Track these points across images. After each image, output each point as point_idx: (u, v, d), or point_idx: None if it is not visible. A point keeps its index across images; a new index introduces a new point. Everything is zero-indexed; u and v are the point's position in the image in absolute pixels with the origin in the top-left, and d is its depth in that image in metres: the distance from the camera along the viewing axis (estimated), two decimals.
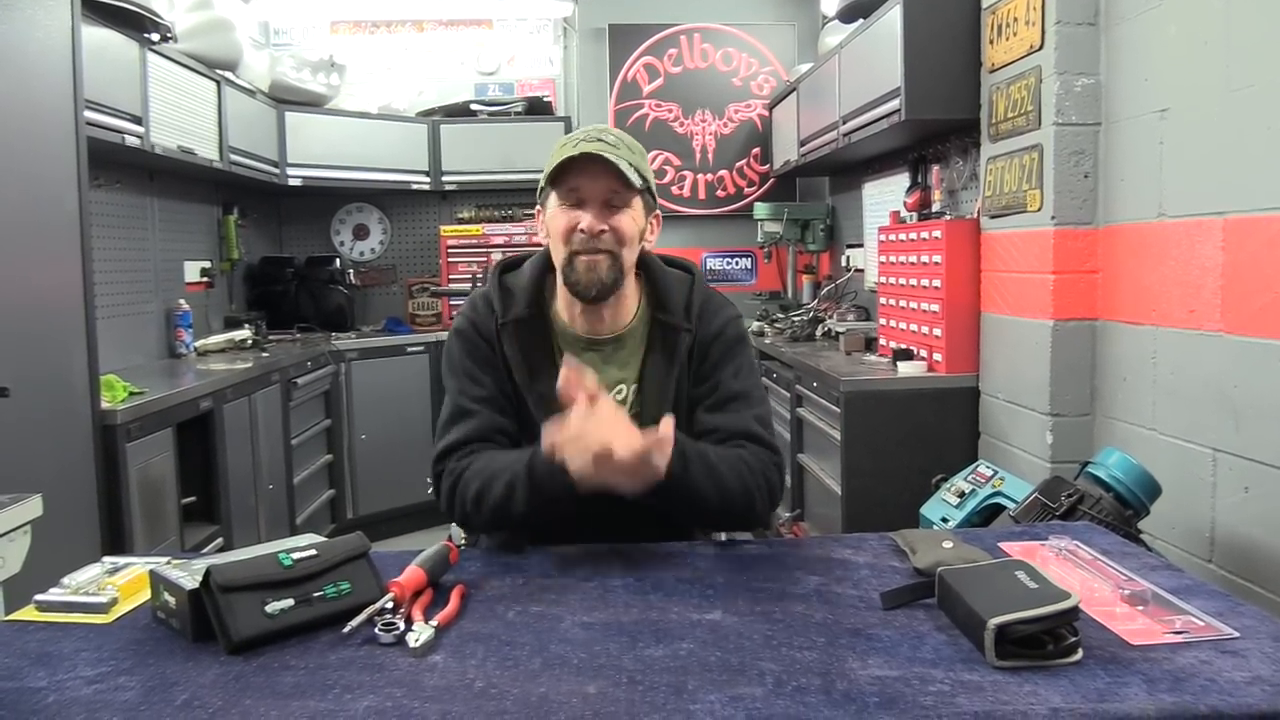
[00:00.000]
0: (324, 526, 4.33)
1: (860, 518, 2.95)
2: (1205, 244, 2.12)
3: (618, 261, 1.55)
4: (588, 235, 1.53)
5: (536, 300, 1.63)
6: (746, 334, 1.73)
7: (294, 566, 1.17)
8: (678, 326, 1.62)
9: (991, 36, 2.87)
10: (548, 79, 5.69)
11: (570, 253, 1.54)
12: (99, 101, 2.86)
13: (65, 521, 2.27)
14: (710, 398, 1.62)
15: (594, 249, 1.53)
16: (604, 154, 1.50)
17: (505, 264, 1.72)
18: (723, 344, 1.64)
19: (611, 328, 1.64)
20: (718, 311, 1.67)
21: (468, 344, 1.63)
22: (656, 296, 1.65)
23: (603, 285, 1.55)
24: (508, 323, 1.61)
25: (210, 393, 3.16)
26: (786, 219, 4.70)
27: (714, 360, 1.63)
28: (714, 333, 1.65)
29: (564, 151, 1.53)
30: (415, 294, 5.36)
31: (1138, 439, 2.36)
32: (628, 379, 1.64)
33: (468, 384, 1.61)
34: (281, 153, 4.70)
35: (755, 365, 1.72)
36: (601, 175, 1.53)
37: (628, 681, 1.02)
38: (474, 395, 1.60)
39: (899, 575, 1.34)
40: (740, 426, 1.58)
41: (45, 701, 0.99)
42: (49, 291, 2.40)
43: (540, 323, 1.63)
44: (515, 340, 1.60)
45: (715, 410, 1.61)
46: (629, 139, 1.60)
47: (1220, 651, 1.07)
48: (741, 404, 1.61)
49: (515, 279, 1.67)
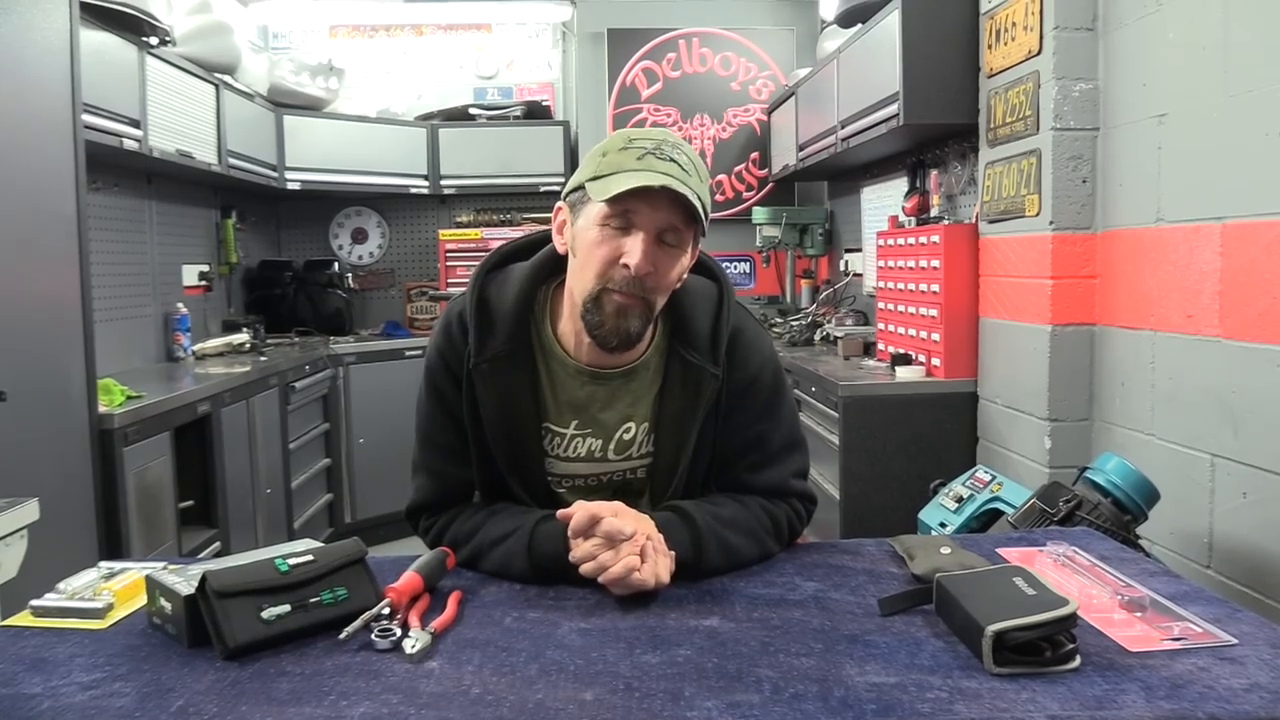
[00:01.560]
0: (321, 531, 4.33)
1: (858, 523, 2.95)
2: (1203, 249, 2.12)
3: (650, 311, 1.32)
4: (632, 275, 1.27)
5: (522, 327, 1.38)
6: (782, 373, 1.48)
7: (290, 572, 1.17)
8: (702, 368, 1.39)
9: (990, 41, 2.87)
10: (546, 83, 5.69)
11: (602, 289, 1.29)
12: (97, 105, 2.87)
13: (62, 526, 2.26)
14: (753, 454, 1.43)
15: (631, 292, 1.28)
16: (676, 186, 1.24)
17: (490, 264, 1.43)
18: (758, 392, 1.42)
19: (622, 359, 1.39)
20: (750, 350, 1.43)
21: (433, 383, 1.42)
22: (677, 320, 1.40)
23: (627, 336, 1.31)
24: (481, 363, 1.36)
25: (208, 397, 3.15)
26: (785, 223, 4.70)
27: (752, 412, 1.42)
28: (749, 378, 1.42)
29: (623, 160, 1.27)
30: (414, 298, 5.36)
31: (1136, 444, 2.36)
32: (637, 417, 1.42)
33: (434, 428, 1.43)
34: (280, 156, 4.70)
35: (794, 406, 1.51)
36: (663, 205, 1.26)
37: (624, 688, 1.01)
38: (439, 443, 1.43)
39: (897, 581, 1.33)
40: (781, 484, 1.43)
41: (40, 708, 0.99)
42: (47, 295, 2.40)
43: (523, 358, 1.38)
44: (489, 383, 1.36)
45: (757, 470, 1.42)
46: (697, 158, 1.33)
47: (1218, 658, 1.06)
48: (785, 457, 1.44)
49: (499, 294, 1.38)
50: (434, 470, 1.44)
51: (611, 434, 1.42)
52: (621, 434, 1.42)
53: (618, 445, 1.43)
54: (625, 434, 1.42)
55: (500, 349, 1.36)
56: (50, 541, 1.82)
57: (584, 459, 1.43)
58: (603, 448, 1.43)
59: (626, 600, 1.25)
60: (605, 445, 1.43)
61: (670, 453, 1.42)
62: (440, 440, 1.43)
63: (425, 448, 1.45)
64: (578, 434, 1.42)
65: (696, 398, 1.39)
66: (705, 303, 1.41)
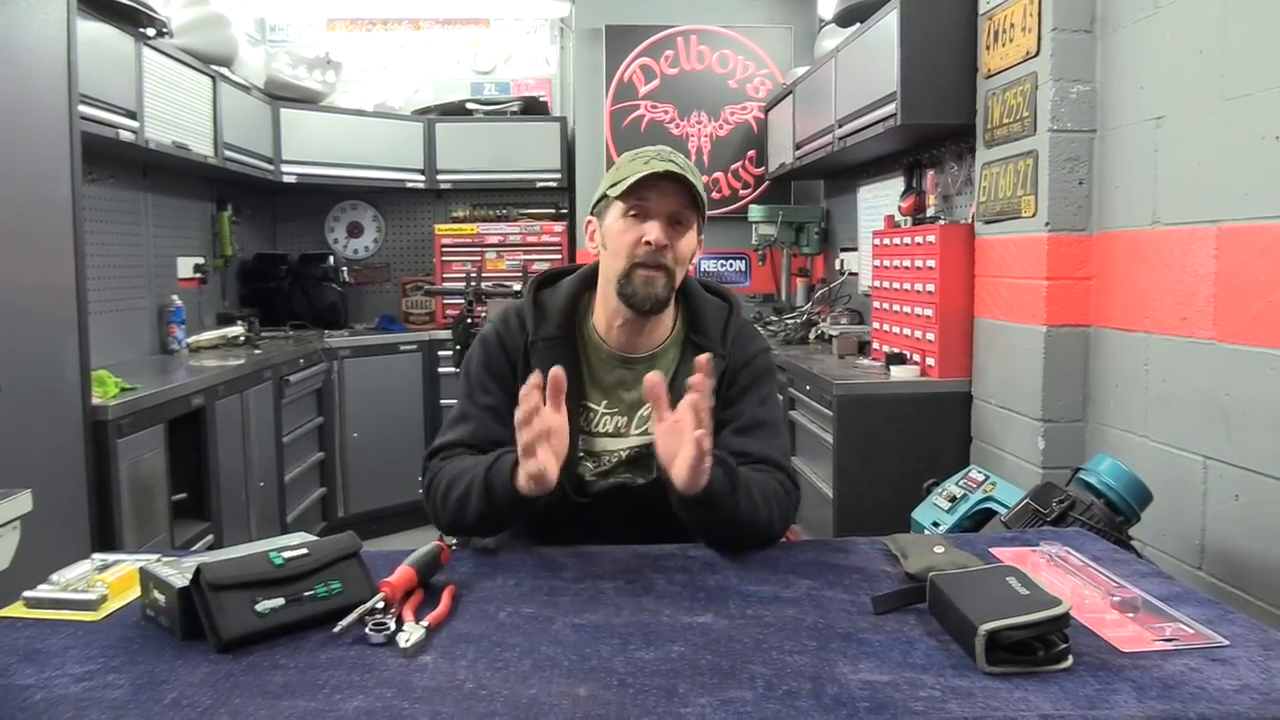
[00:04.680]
0: (315, 525, 4.32)
1: (852, 522, 2.96)
2: (1199, 252, 2.13)
3: (672, 280, 1.59)
4: (653, 248, 1.56)
5: (569, 319, 1.67)
6: (774, 366, 1.77)
7: (285, 565, 1.17)
8: (713, 353, 1.63)
9: (988, 42, 2.87)
10: (544, 79, 5.69)
11: (632, 265, 1.57)
12: (93, 96, 2.85)
13: (55, 517, 2.26)
14: (737, 421, 1.64)
15: (656, 263, 1.56)
16: (675, 170, 1.54)
17: (541, 279, 1.75)
18: (752, 372, 1.68)
19: (646, 345, 1.67)
20: (750, 341, 1.72)
21: (487, 354, 1.67)
22: (693, 319, 1.69)
23: (657, 300, 1.58)
24: (538, 340, 1.64)
25: (202, 389, 3.15)
26: (781, 222, 4.71)
27: (742, 386, 1.67)
28: (745, 360, 1.68)
29: (635, 167, 1.57)
30: (409, 292, 5.36)
31: (1129, 446, 2.37)
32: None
33: (476, 390, 1.65)
34: (276, 149, 4.69)
35: (779, 399, 1.76)
36: (670, 192, 1.57)
37: (618, 684, 1.02)
38: (479, 402, 1.64)
39: (890, 580, 1.34)
40: (768, 454, 1.61)
41: (33, 699, 0.99)
42: (41, 286, 2.39)
43: (570, 341, 1.66)
44: (544, 357, 1.60)
45: (743, 434, 1.63)
46: (691, 165, 1.64)
47: (1210, 659, 1.07)
48: (768, 433, 1.64)
49: (551, 296, 1.70)
50: (466, 417, 1.65)
51: (634, 412, 1.66)
52: (642, 411, 1.65)
53: (638, 421, 1.66)
54: (645, 411, 1.64)
55: (553, 332, 1.65)
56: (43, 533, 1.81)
57: (610, 434, 1.66)
58: (626, 424, 1.66)
59: (620, 597, 1.26)
60: (629, 422, 1.66)
61: None
62: (480, 399, 1.65)
63: (464, 401, 1.67)
64: (606, 412, 1.66)
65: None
66: (717, 312, 1.72)
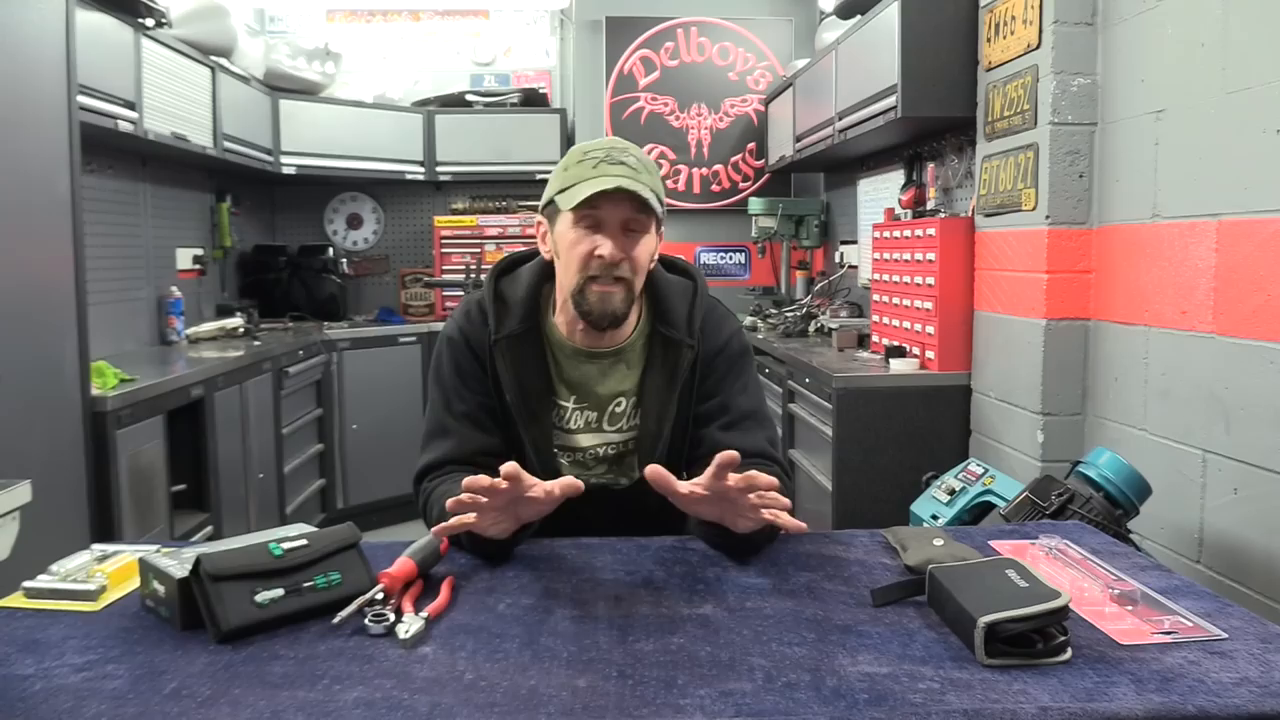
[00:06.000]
0: (314, 516, 4.32)
1: (851, 514, 2.96)
2: (1199, 246, 2.13)
3: (631, 291, 1.52)
4: (607, 261, 1.48)
5: (532, 313, 1.59)
6: (749, 348, 1.69)
7: (284, 556, 1.17)
8: (680, 341, 1.59)
9: (989, 35, 2.87)
10: (544, 71, 5.68)
11: (586, 279, 1.49)
12: (92, 86, 2.84)
13: (54, 508, 2.26)
14: (722, 416, 1.59)
15: (611, 277, 1.49)
16: (628, 185, 1.44)
17: (501, 267, 1.66)
18: (727, 359, 1.62)
19: (611, 341, 1.59)
20: (720, 325, 1.64)
21: (456, 355, 1.60)
22: (658, 308, 1.61)
23: (615, 316, 1.52)
24: (500, 339, 1.56)
25: (201, 380, 3.15)
26: (781, 214, 4.70)
27: (719, 376, 1.61)
28: (717, 347, 1.62)
29: (583, 171, 1.48)
30: (408, 284, 5.35)
31: (1128, 439, 2.37)
32: (626, 392, 1.61)
33: (452, 398, 1.58)
34: (275, 141, 4.68)
35: (759, 381, 1.69)
36: (622, 200, 1.47)
37: (618, 675, 1.02)
38: (457, 411, 1.57)
39: (889, 572, 1.34)
40: (759, 448, 1.55)
41: (32, 689, 0.99)
42: (40, 277, 2.39)
43: (534, 337, 1.59)
44: (508, 356, 1.56)
45: (731, 430, 1.57)
46: (645, 157, 1.54)
47: (1208, 652, 1.07)
48: (754, 424, 1.59)
49: (511, 287, 1.61)
50: (445, 430, 1.57)
51: (605, 407, 1.61)
52: (613, 407, 1.61)
53: (610, 418, 1.62)
54: (616, 407, 1.62)
55: (515, 328, 1.57)
56: (42, 524, 1.81)
57: (582, 430, 1.61)
58: (597, 420, 1.62)
59: (620, 588, 1.26)
60: (600, 418, 1.62)
61: (653, 421, 1.60)
62: (458, 408, 1.58)
63: (440, 411, 1.59)
64: (576, 408, 1.61)
65: (675, 369, 1.60)
66: (681, 294, 1.64)
